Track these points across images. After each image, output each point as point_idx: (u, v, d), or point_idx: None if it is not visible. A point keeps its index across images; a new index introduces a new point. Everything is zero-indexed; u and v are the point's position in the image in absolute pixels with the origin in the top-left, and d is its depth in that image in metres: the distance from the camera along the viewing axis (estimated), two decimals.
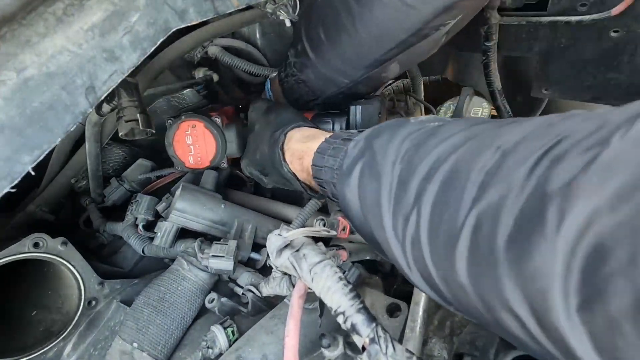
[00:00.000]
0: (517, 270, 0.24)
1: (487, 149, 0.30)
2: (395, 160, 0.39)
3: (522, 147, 0.28)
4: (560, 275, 0.22)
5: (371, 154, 0.43)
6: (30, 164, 0.35)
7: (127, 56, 0.40)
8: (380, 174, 0.40)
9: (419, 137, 0.39)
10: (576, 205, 0.22)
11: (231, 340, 0.59)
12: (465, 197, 0.29)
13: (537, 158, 0.25)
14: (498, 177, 0.28)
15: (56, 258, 0.62)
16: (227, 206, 0.73)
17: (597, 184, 0.21)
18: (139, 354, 0.58)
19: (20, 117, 0.34)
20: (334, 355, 0.53)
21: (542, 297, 0.23)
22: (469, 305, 0.31)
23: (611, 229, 0.19)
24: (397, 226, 0.37)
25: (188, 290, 0.64)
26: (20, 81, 0.33)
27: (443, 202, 0.32)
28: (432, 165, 0.34)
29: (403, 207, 0.36)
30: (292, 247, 0.49)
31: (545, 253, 0.23)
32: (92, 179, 0.82)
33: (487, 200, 0.28)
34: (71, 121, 0.37)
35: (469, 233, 0.28)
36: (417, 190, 0.34)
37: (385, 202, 0.38)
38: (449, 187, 0.32)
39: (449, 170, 0.32)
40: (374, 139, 0.45)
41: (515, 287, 0.25)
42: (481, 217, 0.28)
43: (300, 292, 0.50)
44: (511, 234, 0.25)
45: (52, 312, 0.68)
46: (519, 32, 0.81)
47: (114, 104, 0.65)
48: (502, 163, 0.28)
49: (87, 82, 0.38)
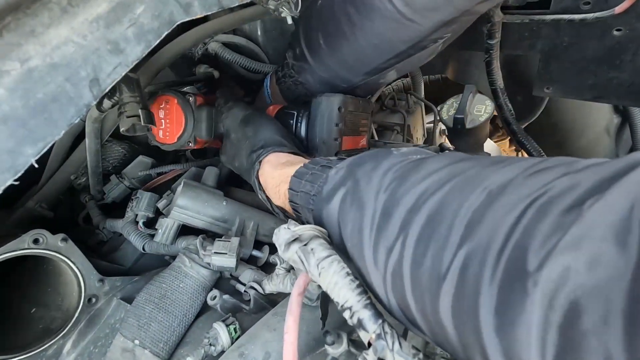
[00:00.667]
0: (498, 319, 0.25)
1: (475, 188, 0.30)
2: (379, 189, 0.39)
3: (510, 192, 0.28)
4: (539, 327, 0.22)
5: (354, 182, 0.42)
6: (34, 157, 0.34)
7: (131, 49, 0.40)
8: (364, 202, 0.40)
9: (403, 169, 0.39)
10: (553, 260, 0.22)
11: (233, 338, 0.58)
12: (452, 234, 0.29)
13: (524, 207, 0.26)
14: (486, 219, 0.28)
15: (56, 254, 0.62)
16: (228, 203, 0.73)
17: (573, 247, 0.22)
18: (141, 351, 0.58)
19: (23, 109, 0.33)
20: (337, 353, 0.52)
21: (519, 349, 0.23)
22: (445, 341, 0.31)
23: (586, 288, 0.20)
24: (379, 256, 0.36)
25: (190, 287, 0.63)
26: (24, 72, 0.32)
27: (429, 236, 0.31)
28: (418, 197, 0.34)
29: (386, 238, 0.36)
30: (300, 241, 0.48)
31: (526, 306, 0.23)
32: (92, 175, 0.81)
33: (475, 241, 0.28)
34: (75, 114, 0.37)
35: (456, 272, 0.28)
36: (402, 221, 0.34)
37: (367, 230, 0.38)
38: (436, 221, 0.31)
39: (436, 204, 0.32)
40: (357, 167, 0.44)
41: (495, 337, 0.25)
42: (469, 258, 0.28)
43: (300, 289, 0.49)
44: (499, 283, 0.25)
45: (51, 310, 0.67)
46: (521, 30, 0.81)
47: (115, 100, 0.65)
48: (489, 205, 0.28)
49: (91, 74, 0.37)
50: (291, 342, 0.42)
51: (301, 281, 0.50)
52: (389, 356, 0.40)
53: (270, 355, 0.54)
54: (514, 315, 0.24)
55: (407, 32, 0.61)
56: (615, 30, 0.71)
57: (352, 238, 0.41)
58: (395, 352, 0.39)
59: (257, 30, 0.94)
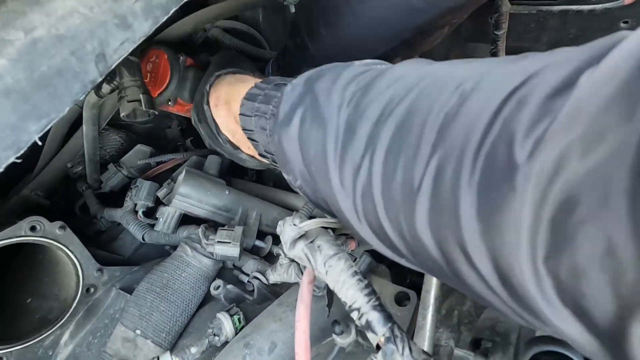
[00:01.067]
0: (482, 222, 0.23)
1: (446, 88, 0.27)
2: (341, 104, 0.35)
3: (485, 87, 0.25)
4: (529, 226, 0.20)
5: (313, 98, 0.38)
6: (37, 133, 0.33)
7: (139, 24, 0.38)
8: (325, 119, 0.36)
9: (367, 79, 0.35)
10: (545, 150, 0.20)
11: (237, 328, 0.57)
12: (423, 142, 0.27)
13: (503, 98, 0.23)
14: (459, 120, 0.25)
15: (54, 242, 0.60)
16: (231, 192, 0.71)
17: (566, 128, 0.19)
18: (142, 341, 0.56)
19: (27, 82, 0.31)
20: (346, 343, 0.52)
21: (507, 251, 0.22)
22: (426, 258, 0.28)
23: (581, 175, 0.18)
24: (345, 177, 0.33)
25: (192, 276, 0.62)
26: (29, 42, 0.31)
27: (398, 148, 0.29)
28: (383, 108, 0.31)
29: (352, 156, 0.32)
30: (306, 238, 0.47)
31: (514, 204, 0.21)
32: (89, 163, 0.79)
33: (448, 145, 0.25)
34: (80, 90, 0.35)
35: (430, 181, 0.26)
36: (368, 136, 0.31)
37: (331, 150, 0.34)
38: (404, 131, 0.28)
39: (403, 112, 0.29)
40: (314, 82, 0.40)
41: (480, 238, 0.23)
42: (442, 164, 0.25)
43: (310, 277, 0.49)
44: (478, 183, 0.23)
45: (48, 300, 0.65)
46: (528, 22, 0.80)
47: (115, 84, 0.63)
48: (462, 103, 0.25)
49: (97, 49, 0.35)
50: (303, 329, 0.41)
51: (311, 269, 0.49)
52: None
53: (277, 346, 0.53)
54: (499, 216, 0.22)
55: (415, 19, 0.60)
56: (623, 22, 0.71)
57: (315, 161, 0.36)
58: (405, 356, 0.38)
59: (258, 17, 0.93)
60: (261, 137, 0.45)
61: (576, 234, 0.18)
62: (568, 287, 0.19)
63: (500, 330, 0.44)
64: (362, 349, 0.54)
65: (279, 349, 0.53)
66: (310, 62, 0.75)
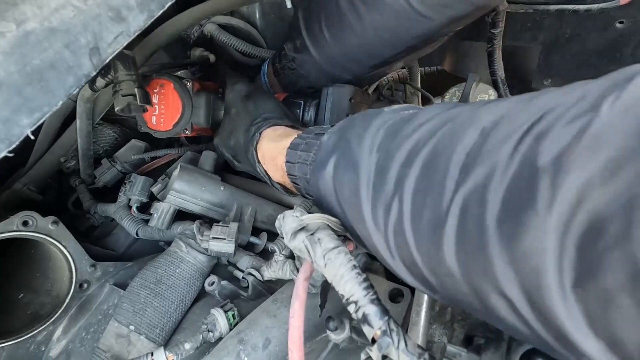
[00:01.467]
0: (508, 250, 0.24)
1: (467, 130, 0.29)
2: (371, 148, 0.38)
3: (504, 125, 0.27)
4: (555, 252, 0.21)
5: (346, 144, 0.41)
6: (30, 127, 0.32)
7: (133, 17, 0.38)
8: (357, 163, 0.39)
9: (395, 125, 0.38)
10: (568, 179, 0.21)
11: (232, 324, 0.57)
12: (448, 180, 0.28)
13: (521, 134, 0.24)
14: (481, 157, 0.27)
15: (46, 238, 0.59)
16: (226, 188, 0.71)
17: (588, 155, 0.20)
18: (136, 337, 0.56)
19: (19, 75, 0.31)
20: (340, 339, 0.52)
21: (535, 276, 0.22)
22: (456, 292, 0.30)
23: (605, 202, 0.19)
24: (378, 216, 0.35)
25: (186, 272, 0.62)
26: (21, 34, 0.30)
27: (425, 188, 0.31)
28: (410, 150, 0.33)
29: (383, 196, 0.34)
30: (307, 230, 0.47)
31: (537, 231, 0.22)
32: (83, 158, 0.79)
33: (472, 182, 0.27)
34: (74, 83, 0.35)
35: (455, 216, 0.27)
36: (397, 177, 0.33)
37: (363, 192, 0.37)
38: (430, 171, 0.31)
39: (428, 153, 0.31)
40: (347, 129, 0.43)
41: (507, 267, 0.24)
42: (467, 200, 0.27)
43: (306, 273, 0.48)
44: (500, 213, 0.24)
45: (40, 295, 0.65)
46: (524, 21, 0.81)
47: (109, 78, 0.62)
48: (483, 142, 0.27)
49: (91, 42, 0.35)
50: (297, 326, 0.41)
51: (307, 266, 0.49)
52: (393, 354, 0.39)
53: (271, 342, 0.53)
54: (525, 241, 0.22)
55: (420, 27, 0.60)
56: (618, 23, 0.71)
57: (349, 201, 0.39)
58: (400, 350, 0.39)
59: (255, 13, 0.92)
60: (302, 183, 0.49)
61: (603, 260, 0.19)
62: (598, 315, 0.20)
63: (493, 327, 0.45)
64: (356, 345, 0.54)
65: (273, 345, 0.53)
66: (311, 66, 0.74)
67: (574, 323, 0.21)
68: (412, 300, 0.58)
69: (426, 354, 0.39)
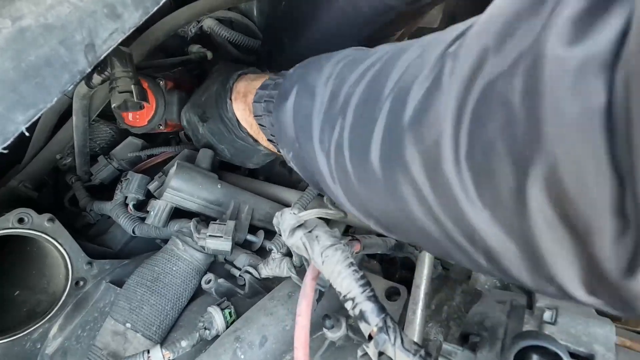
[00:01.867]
0: (416, 130, 0.25)
1: (412, 47, 0.31)
2: (329, 77, 0.39)
3: (440, 38, 0.29)
4: (453, 118, 0.22)
5: (307, 75, 0.43)
6: (24, 124, 0.32)
7: (129, 14, 0.38)
8: (314, 90, 0.40)
9: (355, 56, 0.40)
10: (466, 47, 0.23)
11: (228, 322, 0.57)
12: (385, 89, 0.30)
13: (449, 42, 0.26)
14: (416, 64, 0.28)
15: (42, 235, 0.59)
16: (223, 186, 0.71)
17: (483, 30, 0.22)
18: (133, 335, 0.56)
19: (14, 71, 0.31)
20: (336, 337, 0.52)
21: (435, 150, 0.23)
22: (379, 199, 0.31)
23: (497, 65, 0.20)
24: (324, 135, 0.37)
25: (183, 270, 0.62)
26: (16, 31, 0.30)
27: (366, 100, 0.32)
28: (362, 72, 0.35)
29: (331, 117, 0.36)
30: (305, 227, 0.47)
31: (440, 104, 0.23)
32: (79, 155, 0.78)
33: (402, 82, 0.28)
34: (69, 80, 0.34)
35: (384, 117, 0.29)
36: (345, 96, 0.35)
37: (316, 116, 0.39)
38: (374, 85, 0.32)
39: (376, 71, 0.33)
40: (311, 63, 0.45)
41: (413, 148, 0.25)
42: (395, 99, 0.28)
43: (314, 273, 0.49)
44: (417, 104, 0.26)
45: (36, 293, 0.65)
46: None
47: (106, 75, 0.62)
48: (422, 52, 0.29)
49: (86, 39, 0.35)
50: (304, 325, 0.42)
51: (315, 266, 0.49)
52: (390, 350, 0.39)
53: (267, 340, 0.53)
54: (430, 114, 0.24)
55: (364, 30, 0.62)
56: None
57: (303, 127, 0.41)
58: (396, 346, 0.39)
59: (252, 10, 0.92)
60: (267, 121, 0.49)
61: (489, 113, 0.20)
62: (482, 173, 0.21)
63: (488, 325, 0.45)
64: (353, 343, 0.55)
65: (270, 343, 0.53)
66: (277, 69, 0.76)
67: (465, 194, 0.22)
68: (408, 299, 0.58)
69: (422, 350, 0.40)
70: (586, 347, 0.40)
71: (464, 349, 0.46)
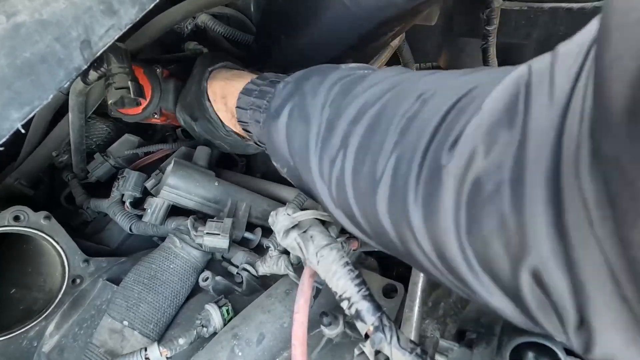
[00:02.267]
0: (424, 209, 0.28)
1: (410, 96, 0.32)
2: (324, 103, 0.40)
3: (439, 95, 0.30)
4: (452, 208, 0.26)
5: (301, 96, 0.43)
6: (20, 121, 0.32)
7: (125, 10, 0.37)
8: (309, 116, 0.41)
9: (349, 83, 0.40)
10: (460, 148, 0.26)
11: (226, 319, 0.57)
12: (387, 141, 0.32)
13: (449, 106, 0.28)
14: (416, 123, 0.30)
15: (38, 233, 0.59)
16: (220, 184, 0.71)
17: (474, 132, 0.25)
18: (130, 332, 0.56)
19: (9, 68, 0.30)
20: (334, 334, 0.52)
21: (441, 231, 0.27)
22: (387, 240, 0.34)
23: (484, 168, 0.24)
24: (323, 167, 0.38)
25: (180, 268, 0.62)
26: (11, 27, 0.30)
27: (367, 145, 0.34)
28: (359, 109, 0.36)
29: (330, 149, 0.37)
30: (299, 227, 0.47)
31: (442, 192, 0.27)
32: (75, 152, 0.78)
33: (405, 145, 0.30)
34: (64, 77, 0.34)
35: (389, 174, 0.31)
36: (344, 133, 0.36)
37: (312, 144, 0.39)
38: (374, 131, 0.34)
39: (374, 114, 0.34)
40: (304, 81, 0.45)
41: (420, 223, 0.28)
42: (399, 159, 0.30)
43: (312, 270, 0.49)
44: (419, 176, 0.28)
45: (32, 291, 0.64)
46: (518, 18, 0.81)
47: (102, 71, 0.61)
48: (421, 109, 0.31)
49: (82, 35, 0.35)
50: (302, 322, 0.42)
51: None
52: (386, 349, 0.40)
53: (265, 337, 0.53)
54: (434, 204, 0.27)
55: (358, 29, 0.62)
56: None
57: (299, 152, 0.41)
58: (392, 345, 0.39)
59: (250, 7, 0.91)
60: (255, 129, 0.49)
61: (482, 212, 0.24)
62: (482, 255, 0.25)
63: (485, 322, 0.45)
64: (350, 340, 0.55)
65: (267, 340, 0.53)
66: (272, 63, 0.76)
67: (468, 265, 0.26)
68: (405, 296, 0.59)
69: (418, 348, 0.40)
70: None
71: (460, 345, 0.47)
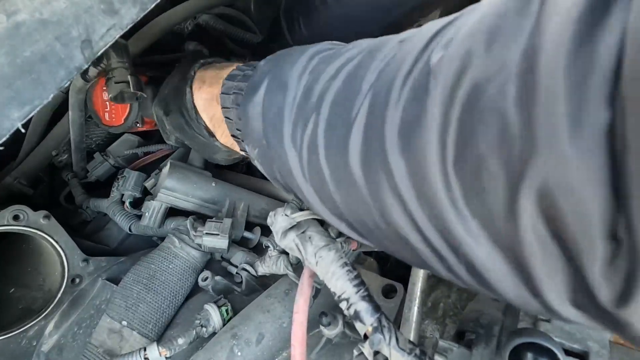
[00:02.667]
0: (401, 137, 0.24)
1: (391, 42, 0.30)
2: (303, 72, 0.37)
3: (418, 34, 0.27)
4: (438, 126, 0.21)
5: (279, 68, 0.40)
6: (20, 121, 0.32)
7: (126, 10, 0.37)
8: (286, 85, 0.38)
9: (332, 53, 0.37)
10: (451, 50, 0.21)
11: (225, 319, 0.57)
12: (363, 86, 0.28)
13: (434, 32, 0.25)
14: (394, 62, 0.27)
15: (38, 232, 0.59)
16: (218, 184, 0.71)
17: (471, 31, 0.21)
18: (129, 332, 0.56)
19: (9, 67, 0.30)
20: (333, 334, 0.52)
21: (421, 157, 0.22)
22: (358, 203, 0.29)
23: (486, 66, 0.19)
24: (296, 132, 0.35)
25: (179, 268, 0.62)
26: (11, 26, 0.30)
27: (343, 97, 0.30)
28: (338, 67, 0.33)
29: (305, 112, 0.34)
30: (298, 228, 0.47)
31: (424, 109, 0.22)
32: (75, 151, 0.78)
33: (382, 80, 0.27)
34: (65, 76, 0.34)
35: (364, 112, 0.27)
36: (321, 91, 0.33)
37: (287, 111, 0.36)
38: (351, 82, 0.30)
39: (352, 67, 0.32)
40: (283, 55, 0.43)
41: (399, 155, 0.24)
42: (376, 94, 0.27)
43: (311, 270, 0.49)
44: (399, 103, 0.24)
45: (32, 290, 0.64)
46: None
47: (102, 67, 0.61)
48: (399, 49, 0.28)
49: (83, 35, 0.35)
50: (301, 322, 0.42)
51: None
52: (385, 350, 0.40)
53: (264, 337, 0.53)
54: (416, 124, 0.23)
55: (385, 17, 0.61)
56: None
57: (272, 122, 0.38)
58: (391, 346, 0.39)
59: (250, 6, 0.91)
60: (235, 114, 0.46)
61: (480, 122, 0.19)
62: (472, 186, 0.20)
63: (484, 322, 0.46)
64: (349, 340, 0.55)
65: (267, 340, 0.53)
66: None
67: (453, 204, 0.21)
68: (404, 296, 0.59)
69: (417, 349, 0.40)
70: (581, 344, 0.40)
71: (459, 346, 0.47)
